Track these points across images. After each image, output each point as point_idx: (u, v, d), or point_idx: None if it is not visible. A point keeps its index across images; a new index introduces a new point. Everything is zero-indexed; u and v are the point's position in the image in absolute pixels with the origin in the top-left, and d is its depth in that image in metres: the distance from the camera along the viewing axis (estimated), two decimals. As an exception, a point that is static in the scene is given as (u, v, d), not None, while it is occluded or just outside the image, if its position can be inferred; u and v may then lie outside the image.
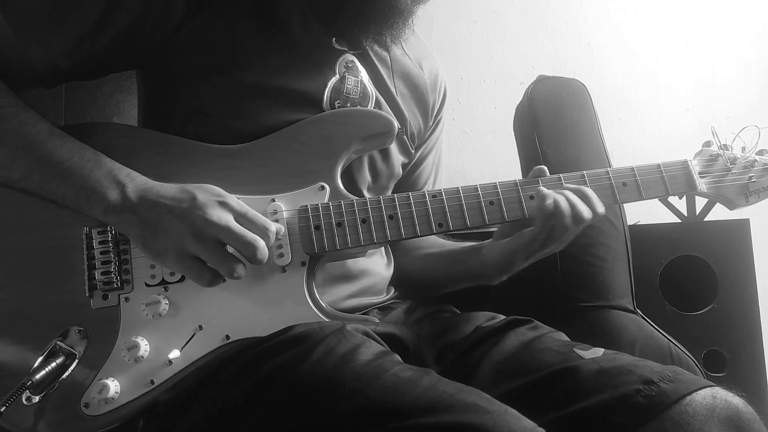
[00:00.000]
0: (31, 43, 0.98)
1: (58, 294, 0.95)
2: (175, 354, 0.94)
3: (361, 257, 1.13)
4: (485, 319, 1.14)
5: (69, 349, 0.92)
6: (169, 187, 0.94)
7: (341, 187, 1.04)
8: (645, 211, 1.80)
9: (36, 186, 0.95)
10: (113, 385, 0.91)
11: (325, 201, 1.02)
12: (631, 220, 1.57)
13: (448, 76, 1.37)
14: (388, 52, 1.19)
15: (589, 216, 1.01)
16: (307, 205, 1.00)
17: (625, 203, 1.11)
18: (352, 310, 1.09)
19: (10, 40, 0.97)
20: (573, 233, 1.03)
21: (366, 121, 1.07)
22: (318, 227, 1.00)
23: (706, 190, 1.13)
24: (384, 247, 1.25)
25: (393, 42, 1.13)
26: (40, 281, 0.95)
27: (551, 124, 1.56)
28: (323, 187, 1.02)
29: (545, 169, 1.08)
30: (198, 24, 1.03)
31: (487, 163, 2.30)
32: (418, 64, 1.27)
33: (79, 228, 0.96)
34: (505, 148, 2.15)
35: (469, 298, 1.26)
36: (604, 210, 1.04)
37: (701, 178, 1.13)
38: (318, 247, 0.99)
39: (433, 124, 1.33)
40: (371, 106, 1.14)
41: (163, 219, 0.90)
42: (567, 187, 1.04)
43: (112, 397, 0.91)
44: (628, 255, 1.49)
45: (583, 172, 1.08)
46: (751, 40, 2.49)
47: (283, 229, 0.98)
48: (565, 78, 1.64)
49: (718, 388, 0.86)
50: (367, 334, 0.94)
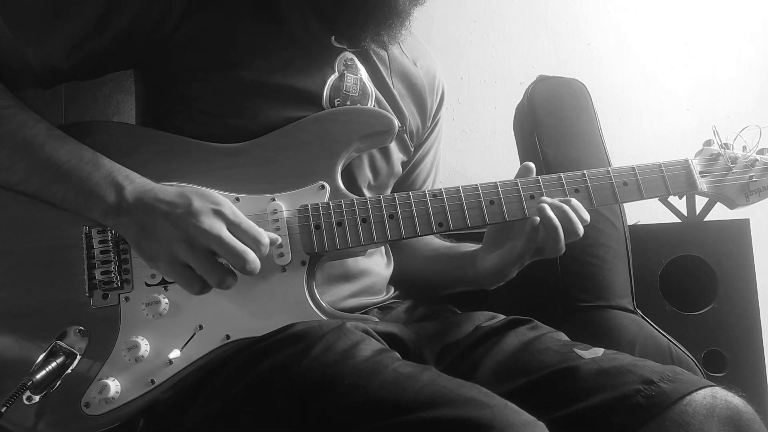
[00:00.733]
0: (29, 44, 0.98)
1: (58, 293, 0.95)
2: (175, 354, 0.94)
3: (361, 257, 1.13)
4: (485, 318, 1.14)
5: (69, 349, 0.92)
6: (167, 191, 0.93)
7: (341, 186, 1.04)
8: (645, 211, 1.80)
9: (35, 188, 0.95)
10: (114, 385, 0.91)
11: (326, 200, 1.01)
12: (631, 220, 1.57)
13: (448, 76, 1.37)
14: (387, 52, 1.19)
15: (581, 233, 1.01)
16: (307, 205, 1.00)
17: (625, 202, 1.11)
18: (352, 310, 1.09)
19: (9, 41, 0.96)
20: (564, 247, 1.03)
21: (366, 119, 1.07)
22: (318, 227, 0.99)
23: (706, 190, 1.13)
24: (384, 246, 1.25)
25: (391, 43, 1.13)
26: (40, 281, 0.95)
27: (551, 124, 1.56)
28: (323, 186, 1.02)
29: (532, 167, 1.07)
30: (197, 22, 1.03)
31: (487, 163, 2.30)
32: (416, 65, 1.27)
33: (78, 227, 0.96)
34: (505, 148, 2.14)
35: (469, 298, 1.26)
36: (589, 218, 1.03)
37: (702, 177, 1.13)
38: (318, 247, 0.99)
39: (431, 126, 1.33)
40: (371, 105, 1.14)
41: (158, 223, 0.90)
42: (554, 204, 1.02)
43: (113, 397, 0.91)
44: (628, 255, 1.49)
45: (584, 172, 1.07)
46: (751, 40, 2.49)
47: (279, 239, 0.97)
48: (565, 78, 1.64)
49: (718, 388, 0.86)
50: (366, 333, 0.94)
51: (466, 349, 1.06)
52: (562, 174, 1.07)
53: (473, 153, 2.32)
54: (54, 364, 0.90)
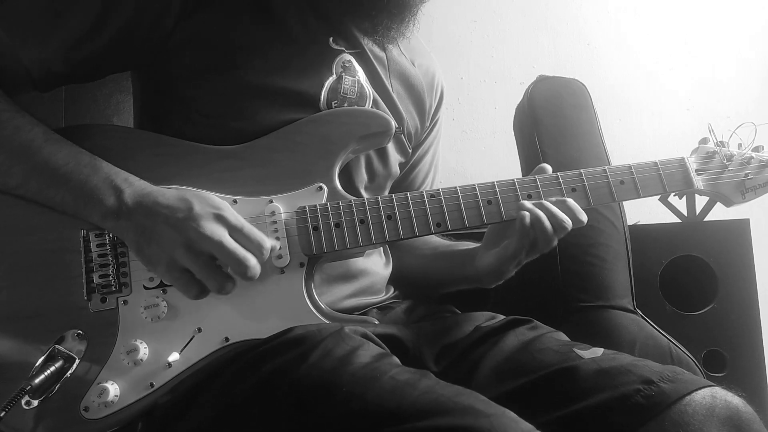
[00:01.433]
0: (26, 48, 0.98)
1: (57, 297, 0.95)
2: (174, 357, 0.93)
3: (360, 257, 1.13)
4: (485, 319, 1.14)
5: (68, 353, 0.92)
6: (167, 195, 0.93)
7: (339, 187, 1.03)
8: (645, 211, 1.80)
9: (33, 192, 0.94)
10: (113, 389, 0.91)
11: (323, 202, 1.01)
12: (631, 220, 1.57)
13: (448, 76, 1.37)
14: (385, 52, 1.19)
15: (570, 226, 1.01)
16: (305, 206, 1.00)
17: (623, 201, 1.11)
18: (351, 310, 1.09)
19: (5, 45, 0.96)
20: (556, 240, 1.03)
21: (364, 121, 1.07)
22: (316, 228, 0.99)
23: (702, 188, 1.13)
24: (382, 246, 1.25)
25: (399, 38, 1.13)
26: (38, 284, 0.95)
27: (551, 124, 1.55)
28: (321, 188, 1.02)
29: (548, 167, 1.08)
30: (195, 22, 1.03)
31: (486, 163, 2.30)
32: (414, 65, 1.27)
33: (76, 231, 0.96)
34: (505, 148, 2.14)
35: (469, 298, 1.26)
36: (586, 219, 1.03)
37: (698, 175, 1.13)
38: (316, 248, 0.99)
39: (429, 126, 1.33)
40: (368, 106, 1.14)
41: (158, 227, 0.90)
42: (549, 200, 1.03)
43: (112, 401, 0.90)
44: (628, 255, 1.49)
45: (581, 171, 1.07)
46: (751, 40, 2.49)
47: (278, 246, 0.97)
48: (565, 78, 1.64)
49: (717, 388, 0.86)
50: (365, 336, 0.94)
51: (466, 350, 1.06)
52: (559, 173, 1.07)
53: (473, 153, 2.32)
54: (53, 368, 0.90)
